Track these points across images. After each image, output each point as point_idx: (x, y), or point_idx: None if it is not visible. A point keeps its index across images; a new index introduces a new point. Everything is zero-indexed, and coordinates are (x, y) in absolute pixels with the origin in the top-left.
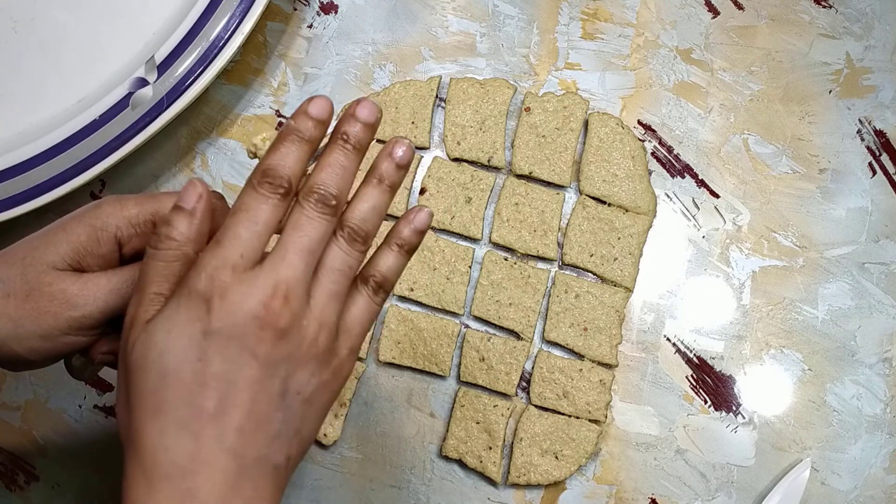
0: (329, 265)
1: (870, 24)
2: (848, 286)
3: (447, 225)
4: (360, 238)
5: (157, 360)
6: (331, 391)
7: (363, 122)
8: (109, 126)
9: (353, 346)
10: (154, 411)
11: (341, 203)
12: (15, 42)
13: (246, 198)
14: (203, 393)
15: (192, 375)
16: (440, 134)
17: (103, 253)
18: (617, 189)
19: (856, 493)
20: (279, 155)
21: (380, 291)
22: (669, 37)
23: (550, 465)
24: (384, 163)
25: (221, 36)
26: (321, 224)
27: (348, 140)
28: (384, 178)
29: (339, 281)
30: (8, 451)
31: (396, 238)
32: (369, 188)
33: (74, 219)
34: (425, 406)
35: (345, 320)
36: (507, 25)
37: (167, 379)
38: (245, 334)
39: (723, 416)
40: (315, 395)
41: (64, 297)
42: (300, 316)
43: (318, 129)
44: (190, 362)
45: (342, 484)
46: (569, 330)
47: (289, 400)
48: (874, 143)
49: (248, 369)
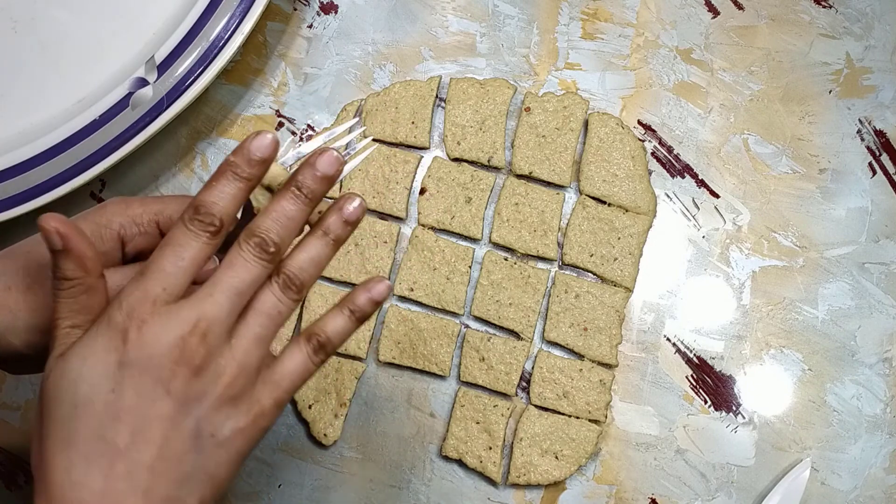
0: (258, 308)
1: (870, 24)
2: (848, 286)
3: (447, 225)
4: (295, 287)
5: (70, 389)
6: (248, 438)
7: (321, 174)
8: (109, 126)
9: (279, 398)
10: (64, 443)
11: (281, 251)
12: (15, 42)
13: (176, 232)
14: (114, 427)
15: (105, 406)
16: (440, 134)
17: (106, 250)
18: (617, 189)
19: (856, 493)
20: (213, 192)
21: (320, 352)
22: (669, 37)
23: (550, 465)
24: (332, 216)
25: (221, 36)
26: (256, 268)
27: (301, 190)
28: (330, 231)
29: (266, 325)
30: (8, 451)
31: (350, 304)
32: (313, 239)
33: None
34: (425, 406)
35: (275, 371)
36: (507, 25)
37: (79, 409)
38: (160, 367)
39: (723, 416)
40: (230, 439)
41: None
42: (217, 355)
43: (258, 168)
44: (103, 393)
45: (342, 484)
46: (569, 330)
47: (202, 441)
48: (874, 143)
49: (161, 404)
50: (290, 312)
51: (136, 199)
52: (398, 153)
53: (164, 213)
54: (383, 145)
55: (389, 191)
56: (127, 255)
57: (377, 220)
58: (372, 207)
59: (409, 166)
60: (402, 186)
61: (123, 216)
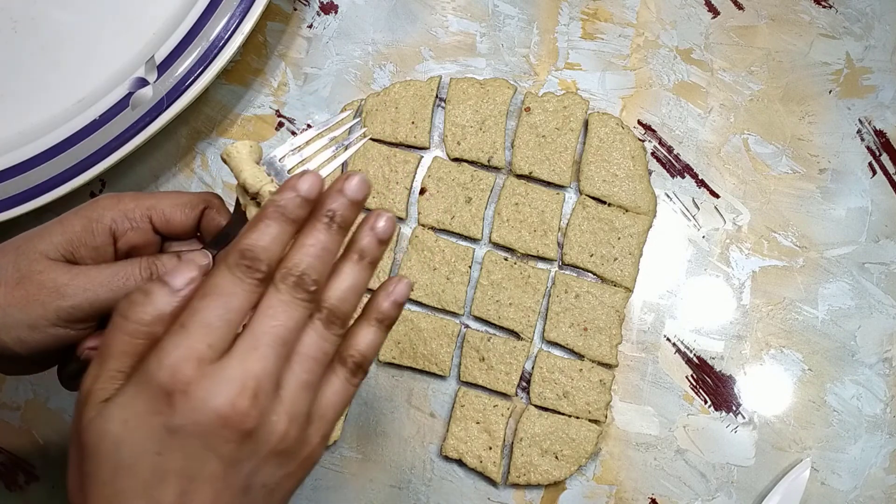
0: (304, 353)
1: (870, 24)
2: (848, 286)
3: (447, 225)
4: (339, 321)
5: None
6: (297, 479)
7: (351, 199)
8: (109, 126)
9: (326, 432)
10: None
11: (320, 288)
12: (15, 42)
13: (218, 279)
14: (161, 487)
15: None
16: (440, 134)
17: (97, 244)
18: (617, 189)
19: (856, 493)
20: (259, 235)
21: (358, 372)
22: (669, 37)
23: (550, 465)
24: (365, 238)
25: (221, 36)
26: (297, 311)
27: (333, 218)
28: (365, 254)
29: (314, 370)
30: (8, 451)
31: (375, 312)
32: (350, 265)
33: (71, 212)
34: (425, 406)
35: (319, 405)
36: (507, 25)
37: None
38: (209, 433)
39: (723, 416)
40: (280, 484)
41: (54, 285)
42: (269, 412)
43: (305, 209)
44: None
45: (342, 484)
46: (569, 330)
47: (253, 494)
48: (874, 143)
49: (211, 466)
50: (335, 349)
51: (128, 194)
52: (398, 153)
53: (157, 208)
54: (383, 145)
55: (389, 191)
56: (119, 251)
57: None
58: (372, 207)
59: (409, 166)
60: (402, 186)
61: (115, 211)
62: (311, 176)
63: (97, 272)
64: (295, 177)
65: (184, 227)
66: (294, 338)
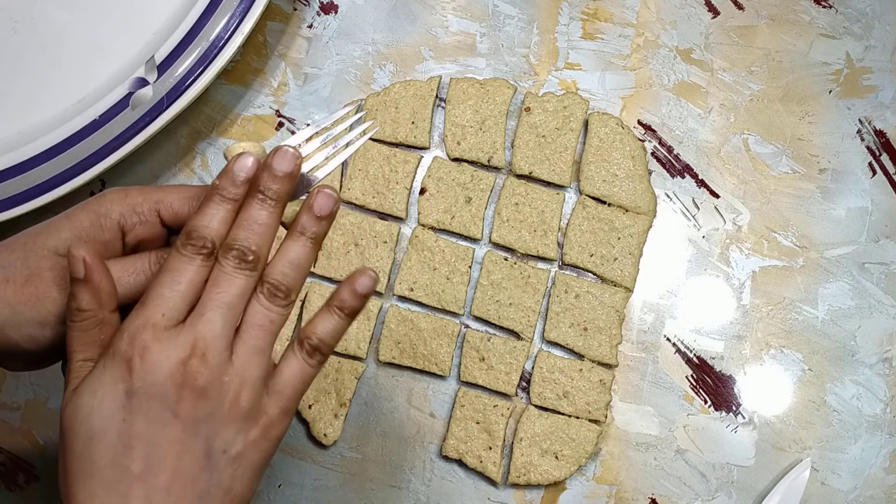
0: (250, 321)
1: (870, 24)
2: (848, 286)
3: (447, 225)
4: (282, 293)
5: (84, 422)
6: (261, 450)
7: (280, 174)
8: (109, 126)
9: (285, 406)
10: (84, 474)
11: (261, 259)
12: (15, 42)
13: (171, 260)
14: (128, 454)
15: (118, 436)
16: (440, 134)
17: (106, 239)
18: (617, 189)
19: (856, 493)
20: (203, 216)
21: (315, 354)
22: (669, 37)
23: (550, 465)
24: (304, 215)
25: (221, 36)
26: (239, 280)
27: (266, 194)
28: (305, 230)
29: (261, 336)
30: (8, 451)
31: (337, 301)
32: (290, 242)
33: (78, 207)
34: (425, 406)
35: (276, 381)
36: (507, 25)
37: (94, 441)
38: (165, 393)
39: (723, 416)
40: (244, 453)
41: (64, 283)
42: (220, 373)
43: (241, 188)
44: (115, 422)
45: (342, 484)
46: (569, 330)
47: (215, 459)
48: (874, 143)
49: (171, 429)
50: (284, 319)
51: (135, 188)
52: (398, 153)
53: (165, 202)
54: (383, 145)
55: (389, 191)
56: (127, 245)
57: (377, 220)
58: (372, 207)
59: (409, 166)
60: (402, 186)
61: (123, 205)
62: (244, 157)
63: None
64: (231, 160)
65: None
66: (238, 304)
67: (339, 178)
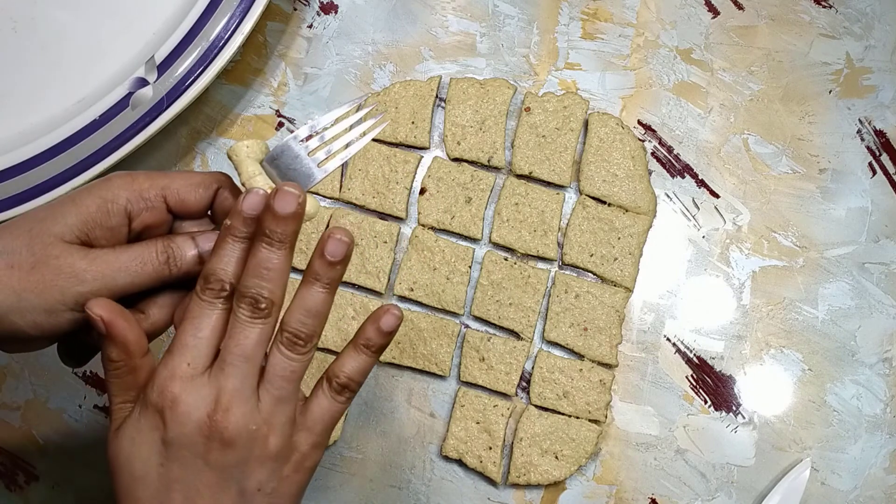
0: (272, 371)
1: (870, 24)
2: (848, 286)
3: (447, 225)
4: (301, 342)
5: (126, 466)
6: (296, 483)
7: (284, 216)
8: (109, 126)
9: (316, 441)
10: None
11: (275, 303)
12: (15, 42)
13: (192, 306)
14: (169, 495)
15: (158, 478)
16: (440, 134)
17: (113, 225)
18: (617, 189)
19: (856, 493)
20: (219, 259)
21: (344, 392)
22: (669, 37)
23: (550, 465)
24: (317, 261)
25: (221, 36)
26: (255, 329)
27: (272, 237)
28: (320, 277)
29: (283, 386)
30: (8, 451)
31: (362, 339)
32: (305, 290)
33: (84, 191)
34: (425, 406)
35: (306, 418)
36: (507, 25)
37: (136, 482)
38: (195, 443)
39: (723, 416)
40: (279, 489)
41: (72, 271)
42: (246, 423)
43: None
44: (154, 467)
45: (342, 484)
46: (569, 330)
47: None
48: (874, 143)
49: (205, 475)
50: (306, 365)
51: (141, 173)
52: (398, 153)
53: (171, 188)
54: (383, 145)
55: (389, 191)
56: (133, 231)
57: (377, 220)
58: (372, 207)
59: (409, 166)
60: (402, 186)
61: (130, 190)
62: (252, 195)
63: (115, 257)
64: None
65: (198, 207)
66: (257, 353)
67: (339, 179)
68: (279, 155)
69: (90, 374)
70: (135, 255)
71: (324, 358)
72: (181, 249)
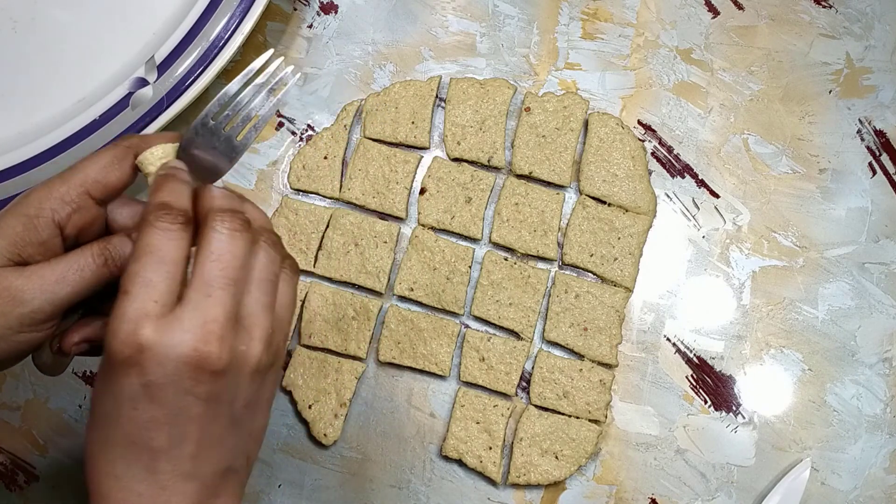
0: (260, 277)
1: (870, 24)
2: (848, 286)
3: (447, 225)
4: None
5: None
6: (273, 382)
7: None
8: (109, 126)
9: (287, 332)
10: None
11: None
12: (15, 42)
13: (146, 238)
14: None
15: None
16: (440, 134)
17: (43, 240)
18: (617, 189)
19: (856, 493)
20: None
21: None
22: (669, 37)
23: (550, 465)
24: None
25: (221, 36)
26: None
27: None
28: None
29: (271, 291)
30: (8, 451)
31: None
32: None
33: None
34: (425, 406)
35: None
36: (507, 25)
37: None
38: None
39: (723, 416)
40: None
41: (9, 294)
42: (236, 345)
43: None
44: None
45: (342, 484)
46: (569, 330)
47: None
48: (874, 143)
49: (193, 408)
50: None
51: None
52: (398, 153)
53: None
54: (383, 145)
55: (389, 191)
56: (68, 238)
57: (377, 220)
58: (372, 207)
59: (409, 166)
60: (402, 186)
61: (51, 200)
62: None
63: (50, 270)
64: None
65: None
66: (243, 273)
67: (339, 179)
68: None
69: (90, 374)
70: (70, 264)
71: (324, 358)
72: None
